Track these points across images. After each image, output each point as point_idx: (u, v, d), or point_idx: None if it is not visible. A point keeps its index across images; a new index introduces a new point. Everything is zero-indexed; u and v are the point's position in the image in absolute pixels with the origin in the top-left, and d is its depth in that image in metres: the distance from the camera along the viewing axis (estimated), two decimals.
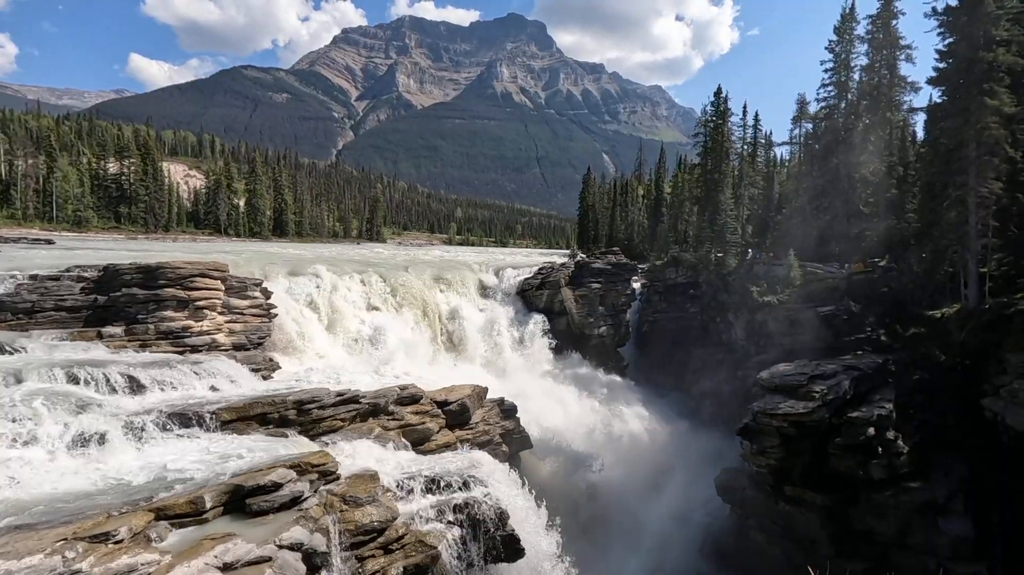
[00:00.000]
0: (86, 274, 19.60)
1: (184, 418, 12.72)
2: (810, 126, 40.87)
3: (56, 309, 18.15)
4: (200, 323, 19.58)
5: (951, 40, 24.07)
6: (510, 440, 21.76)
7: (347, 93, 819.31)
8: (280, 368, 20.71)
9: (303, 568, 9.67)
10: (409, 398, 17.56)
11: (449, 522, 13.51)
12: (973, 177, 23.12)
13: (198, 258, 22.43)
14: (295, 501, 10.56)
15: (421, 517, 13.18)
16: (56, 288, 18.54)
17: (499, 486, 14.87)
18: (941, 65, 24.62)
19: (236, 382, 16.16)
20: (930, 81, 25.26)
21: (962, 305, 24.47)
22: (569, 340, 34.01)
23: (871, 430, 20.01)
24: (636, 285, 41.03)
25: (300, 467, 11.14)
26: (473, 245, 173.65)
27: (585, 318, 34.89)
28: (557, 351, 33.05)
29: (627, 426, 30.76)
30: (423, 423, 17.37)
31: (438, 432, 17.95)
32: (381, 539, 11.92)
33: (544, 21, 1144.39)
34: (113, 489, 10.13)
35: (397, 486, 13.55)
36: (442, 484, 14.04)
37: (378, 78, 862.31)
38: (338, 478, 12.05)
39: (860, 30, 34.05)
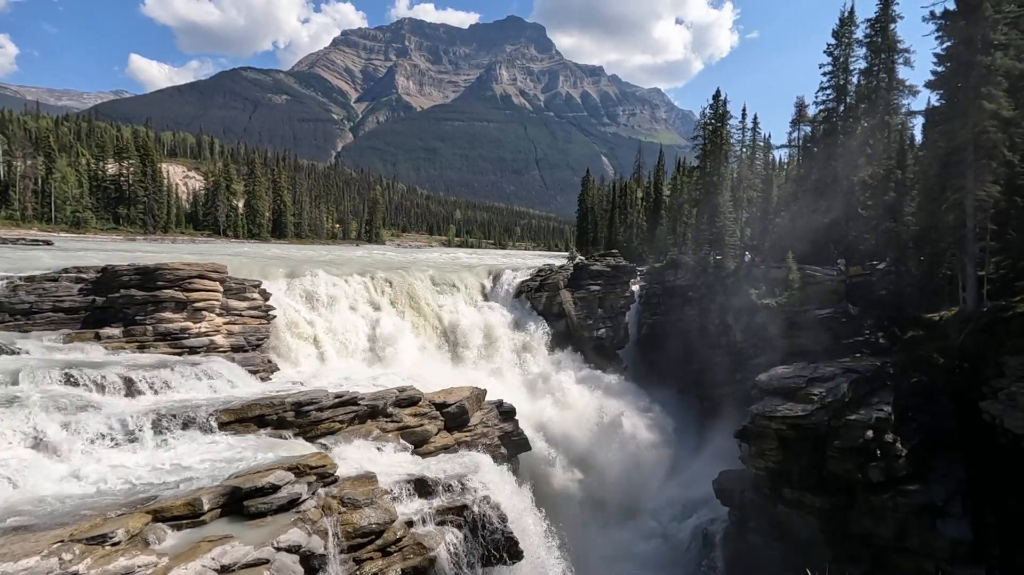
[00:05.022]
0: (84, 275, 19.55)
1: (182, 420, 12.69)
2: (808, 129, 40.93)
3: (54, 310, 18.11)
4: (198, 324, 19.55)
5: (949, 44, 24.12)
6: (509, 442, 21.72)
7: (346, 95, 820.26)
8: (278, 370, 20.69)
9: (301, 570, 9.64)
10: (407, 400, 17.52)
11: (447, 524, 13.49)
12: (971, 180, 23.16)
13: (196, 259, 22.41)
14: (293, 503, 10.53)
15: (419, 519, 13.15)
16: (54, 289, 18.50)
17: (498, 488, 14.85)
18: (939, 69, 24.66)
19: (234, 384, 16.13)
20: (928, 84, 25.32)
21: (960, 308, 24.51)
22: (568, 342, 33.99)
23: (869, 433, 20.03)
24: (635, 287, 41.04)
25: (298, 469, 11.11)
26: (472, 247, 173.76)
27: (584, 320, 34.87)
28: (556, 353, 33.04)
29: (626, 428, 30.74)
30: (421, 425, 17.34)
31: (437, 434, 17.92)
32: (379, 541, 11.89)
33: (543, 23, 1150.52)
34: (110, 491, 10.10)
35: (395, 488, 13.52)
36: (441, 486, 14.01)
37: (377, 80, 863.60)
38: (336, 480, 12.02)
39: (859, 34, 34.12)
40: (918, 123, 37.72)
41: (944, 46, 24.29)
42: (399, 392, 17.37)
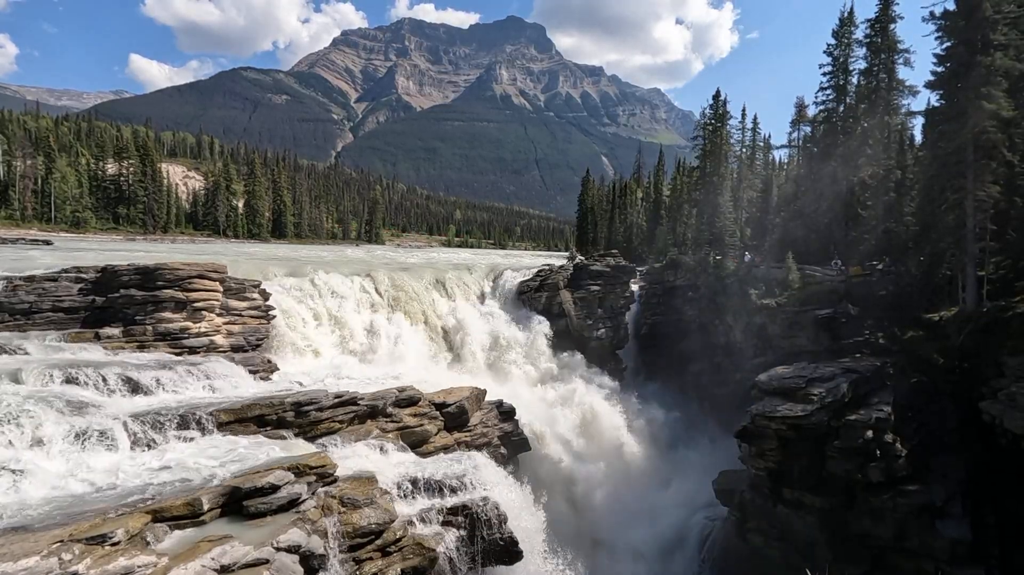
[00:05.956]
0: (84, 275, 19.55)
1: (182, 420, 12.68)
2: (808, 129, 40.95)
3: (54, 310, 18.11)
4: (198, 324, 19.54)
5: (949, 44, 24.13)
6: (509, 442, 21.73)
7: (346, 95, 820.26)
8: (278, 370, 20.67)
9: (301, 570, 9.65)
10: (407, 400, 17.53)
11: (447, 524, 13.50)
12: (971, 181, 23.17)
13: (196, 259, 22.40)
14: (293, 503, 10.54)
15: (419, 519, 13.17)
16: (54, 289, 18.50)
17: (497, 488, 14.87)
18: (939, 69, 24.67)
19: (234, 384, 16.12)
20: (928, 85, 25.32)
21: (960, 308, 24.51)
22: (568, 342, 33.97)
23: (869, 433, 20.02)
24: (635, 287, 41.02)
25: (298, 469, 11.12)
26: (472, 247, 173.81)
27: (584, 320, 34.87)
28: (556, 353, 33.02)
29: (626, 428, 30.74)
30: (421, 425, 17.35)
31: (436, 434, 17.94)
32: (379, 541, 11.90)
33: (543, 24, 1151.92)
34: (110, 491, 10.10)
35: (395, 488, 13.53)
36: (440, 486, 14.02)
37: (377, 80, 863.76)
38: (336, 480, 12.03)
39: (859, 34, 34.11)
40: (918, 123, 37.74)
41: (944, 46, 24.29)
42: (399, 392, 17.38)
